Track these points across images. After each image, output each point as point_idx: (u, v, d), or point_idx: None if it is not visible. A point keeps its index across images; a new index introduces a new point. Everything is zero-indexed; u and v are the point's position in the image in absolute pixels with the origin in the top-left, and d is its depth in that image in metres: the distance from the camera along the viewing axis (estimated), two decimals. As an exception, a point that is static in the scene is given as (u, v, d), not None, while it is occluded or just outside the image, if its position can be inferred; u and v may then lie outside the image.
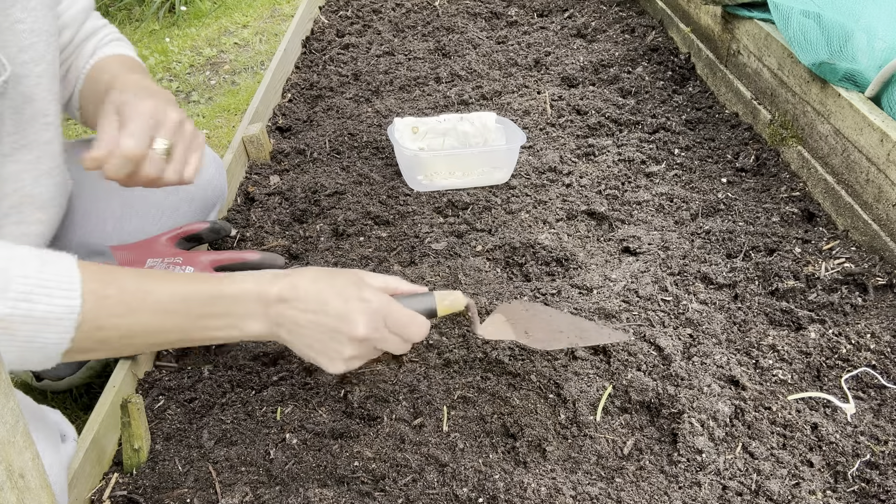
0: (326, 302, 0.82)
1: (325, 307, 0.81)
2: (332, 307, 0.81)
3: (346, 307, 0.81)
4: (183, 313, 0.80)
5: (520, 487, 0.88)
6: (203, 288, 0.81)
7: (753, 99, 1.68)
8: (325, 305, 0.81)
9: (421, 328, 0.86)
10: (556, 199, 1.47)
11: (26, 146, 0.99)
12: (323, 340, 0.83)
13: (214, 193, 1.33)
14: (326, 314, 0.82)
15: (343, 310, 0.81)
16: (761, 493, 0.88)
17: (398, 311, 0.84)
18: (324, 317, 0.82)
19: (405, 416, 1.01)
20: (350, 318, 0.81)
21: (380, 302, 0.83)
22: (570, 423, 0.99)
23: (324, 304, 0.82)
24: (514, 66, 2.06)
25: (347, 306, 0.81)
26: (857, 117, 1.29)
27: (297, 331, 0.83)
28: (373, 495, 0.89)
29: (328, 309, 0.81)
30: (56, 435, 0.89)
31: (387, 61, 2.12)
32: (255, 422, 1.02)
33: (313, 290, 0.82)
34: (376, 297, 0.83)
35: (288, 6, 3.38)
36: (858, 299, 1.14)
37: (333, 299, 0.82)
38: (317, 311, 0.82)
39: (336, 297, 0.82)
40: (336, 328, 0.82)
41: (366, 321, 0.82)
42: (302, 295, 0.82)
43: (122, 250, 1.14)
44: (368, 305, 0.82)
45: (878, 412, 0.98)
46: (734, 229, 1.33)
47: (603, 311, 1.16)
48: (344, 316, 0.81)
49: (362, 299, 0.82)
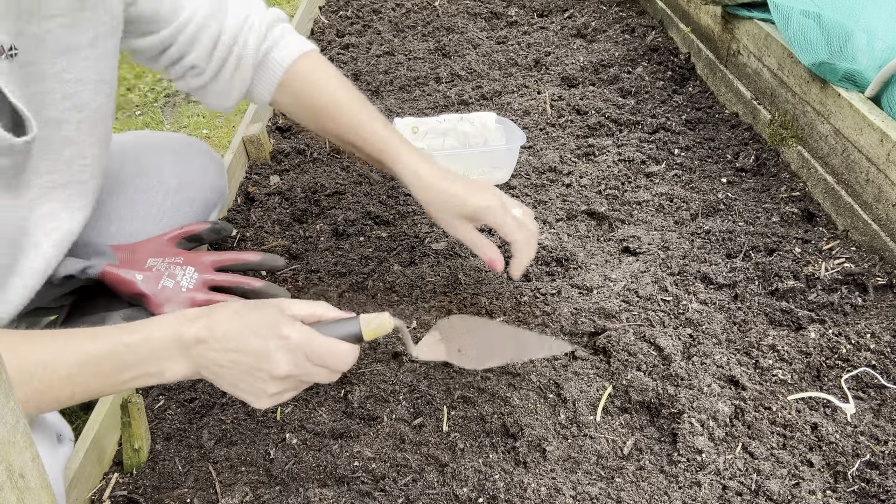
0: (244, 341, 0.79)
1: (243, 346, 0.79)
2: (251, 346, 0.79)
3: (265, 346, 0.79)
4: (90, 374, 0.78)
5: (520, 487, 0.88)
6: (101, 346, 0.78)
7: (753, 99, 1.68)
8: (243, 345, 0.79)
9: (344, 357, 0.83)
10: (556, 199, 1.47)
11: (62, 186, 1.00)
12: (245, 380, 0.81)
13: (215, 194, 1.33)
14: (245, 353, 0.79)
15: (262, 348, 0.79)
16: (761, 493, 0.88)
17: (319, 344, 0.81)
18: (243, 356, 0.80)
19: (405, 416, 1.01)
20: (269, 356, 0.79)
21: (299, 337, 0.80)
22: (570, 423, 0.99)
23: (242, 344, 0.79)
24: (514, 66, 2.06)
25: (266, 345, 0.79)
26: (857, 117, 1.29)
27: (219, 371, 0.81)
28: (373, 495, 0.89)
29: (247, 349, 0.79)
30: (52, 435, 0.88)
31: (387, 61, 2.12)
32: (255, 422, 1.02)
33: (231, 330, 0.80)
34: (295, 332, 0.80)
35: (288, 6, 3.38)
36: (858, 299, 1.14)
37: (251, 339, 0.79)
38: (237, 351, 0.79)
39: (254, 336, 0.79)
40: (257, 367, 0.80)
41: (286, 359, 0.79)
42: (219, 335, 0.80)
43: (123, 250, 1.14)
44: (287, 342, 0.79)
45: (878, 412, 0.99)
46: (734, 229, 1.33)
47: (603, 311, 1.16)
48: (263, 355, 0.79)
49: (281, 336, 0.79)
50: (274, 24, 1.16)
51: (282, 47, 1.15)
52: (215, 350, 0.80)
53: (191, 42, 1.09)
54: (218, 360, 0.80)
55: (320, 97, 1.16)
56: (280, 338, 0.79)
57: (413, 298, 1.23)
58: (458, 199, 1.07)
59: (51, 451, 0.86)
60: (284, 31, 1.17)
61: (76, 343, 0.78)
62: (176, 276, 1.11)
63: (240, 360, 0.80)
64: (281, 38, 1.16)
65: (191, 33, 1.09)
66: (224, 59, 1.12)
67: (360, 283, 1.27)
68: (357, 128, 1.14)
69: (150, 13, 1.05)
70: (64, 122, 0.96)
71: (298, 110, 1.19)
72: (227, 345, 0.79)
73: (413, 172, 1.10)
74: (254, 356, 0.79)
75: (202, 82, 1.14)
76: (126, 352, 0.78)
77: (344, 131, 1.16)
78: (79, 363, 0.77)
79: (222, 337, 0.80)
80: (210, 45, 1.10)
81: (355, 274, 1.29)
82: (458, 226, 1.09)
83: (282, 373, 0.79)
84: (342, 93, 1.16)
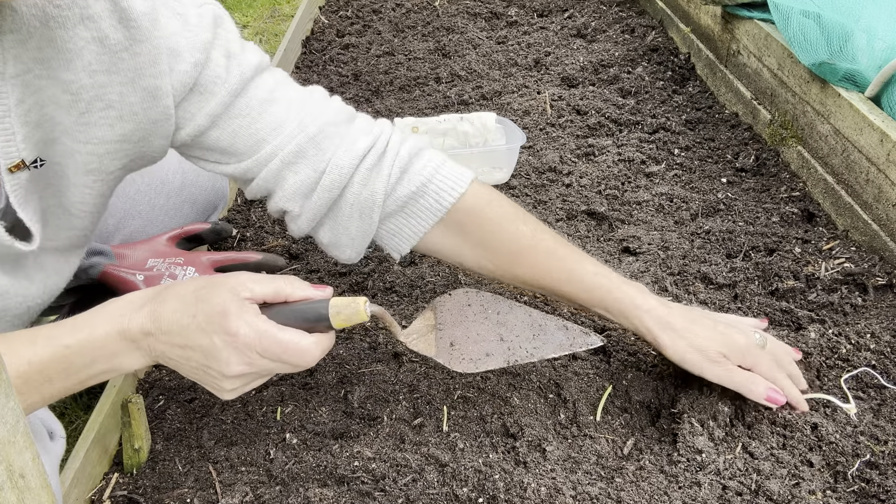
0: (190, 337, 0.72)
1: (189, 342, 0.72)
2: (197, 343, 0.72)
3: (211, 343, 0.71)
4: (38, 383, 0.72)
5: (520, 487, 0.88)
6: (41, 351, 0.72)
7: (753, 99, 1.68)
8: (188, 340, 0.72)
9: (303, 355, 0.73)
10: (556, 199, 1.47)
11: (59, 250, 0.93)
12: (199, 375, 0.75)
13: (216, 195, 1.33)
14: (193, 349, 0.72)
15: (208, 346, 0.71)
16: (761, 493, 0.88)
17: (272, 341, 0.72)
18: (191, 352, 0.73)
19: (405, 416, 1.01)
20: (217, 356, 0.72)
21: (247, 332, 0.71)
22: (570, 423, 0.99)
23: (188, 339, 0.72)
24: (514, 66, 2.06)
25: (212, 342, 0.71)
26: (856, 117, 1.29)
27: (174, 362, 0.75)
28: (373, 495, 0.89)
29: (193, 345, 0.72)
30: (43, 433, 0.88)
31: (387, 61, 2.12)
32: (255, 422, 1.02)
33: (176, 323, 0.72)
34: (243, 327, 0.71)
35: (288, 6, 3.38)
36: (858, 299, 1.14)
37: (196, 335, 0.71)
38: (183, 347, 0.72)
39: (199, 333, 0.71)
40: (206, 365, 0.73)
41: (235, 358, 0.72)
42: (164, 327, 0.72)
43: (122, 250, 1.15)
44: (234, 340, 0.71)
45: (878, 412, 0.98)
46: (734, 229, 1.33)
47: (603, 311, 1.16)
48: (210, 353, 0.72)
49: (227, 332, 0.71)
50: (415, 155, 0.95)
51: (442, 183, 0.94)
52: (162, 343, 0.73)
53: (273, 179, 0.92)
54: (168, 353, 0.74)
55: (501, 234, 0.95)
56: (227, 334, 0.71)
57: (413, 298, 1.23)
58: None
59: (43, 449, 0.85)
60: (434, 163, 0.95)
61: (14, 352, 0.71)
62: (177, 276, 1.11)
63: (189, 356, 0.73)
64: (434, 176, 0.94)
65: (274, 169, 0.91)
66: (329, 202, 0.93)
67: (360, 283, 1.27)
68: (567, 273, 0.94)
69: (224, 145, 0.91)
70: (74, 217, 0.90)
71: (470, 253, 0.98)
72: (172, 339, 0.73)
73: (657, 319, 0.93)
74: (201, 353, 0.72)
75: (301, 230, 0.96)
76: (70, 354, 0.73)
77: (544, 278, 0.96)
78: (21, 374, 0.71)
79: (167, 330, 0.73)
80: (301, 185, 0.92)
81: (355, 274, 1.29)
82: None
83: (233, 372, 0.73)
84: (528, 228, 0.96)
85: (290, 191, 0.92)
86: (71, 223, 0.90)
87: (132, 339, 0.74)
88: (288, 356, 0.73)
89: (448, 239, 0.97)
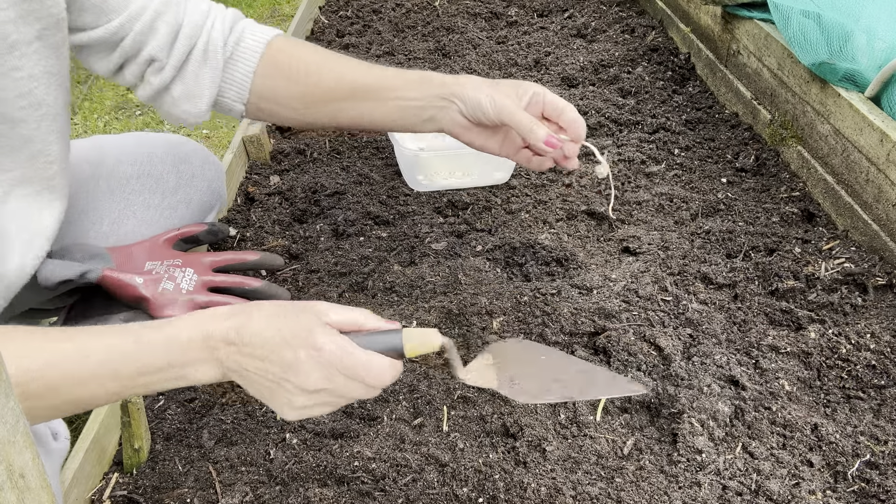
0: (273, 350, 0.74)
1: (271, 355, 0.75)
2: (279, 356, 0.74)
3: (295, 356, 0.74)
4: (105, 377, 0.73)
5: (520, 487, 0.88)
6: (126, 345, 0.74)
7: (753, 99, 1.68)
8: (271, 353, 0.75)
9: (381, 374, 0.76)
10: (556, 199, 1.47)
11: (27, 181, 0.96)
12: (272, 389, 0.77)
13: (213, 196, 1.33)
14: (273, 363, 0.75)
15: (291, 359, 0.74)
16: (761, 493, 0.88)
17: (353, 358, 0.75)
18: (270, 365, 0.75)
19: (405, 416, 1.01)
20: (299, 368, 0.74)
21: (332, 349, 0.75)
22: (570, 423, 0.99)
23: (270, 352, 0.75)
24: (514, 67, 2.06)
25: (296, 355, 0.74)
26: (856, 117, 1.29)
27: (247, 376, 0.77)
28: (373, 495, 0.89)
29: (274, 357, 0.75)
30: (47, 433, 0.88)
31: (387, 61, 2.12)
32: (255, 422, 1.02)
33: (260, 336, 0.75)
34: (329, 344, 0.75)
35: (288, 6, 3.38)
36: (858, 299, 1.14)
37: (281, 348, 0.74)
38: (263, 359, 0.75)
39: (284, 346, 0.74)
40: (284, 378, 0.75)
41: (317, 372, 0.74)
42: (247, 339, 0.75)
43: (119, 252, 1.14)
44: (319, 355, 0.74)
45: (878, 412, 0.99)
46: (734, 229, 1.34)
47: (603, 311, 1.16)
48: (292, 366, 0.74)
49: (313, 347, 0.74)
50: (238, 19, 1.12)
51: (254, 32, 1.11)
52: (243, 355, 0.76)
53: (147, 31, 1.02)
54: (245, 366, 0.76)
55: (308, 63, 1.10)
56: (313, 349, 0.74)
57: (413, 298, 1.23)
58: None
59: (47, 449, 0.85)
60: (250, 23, 1.13)
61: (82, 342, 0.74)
62: (176, 278, 1.11)
63: (267, 369, 0.75)
64: (248, 27, 1.12)
65: (147, 21, 1.01)
66: (188, 50, 1.05)
67: (360, 284, 1.27)
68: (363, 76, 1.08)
69: (96, 1, 0.98)
70: (21, 122, 0.92)
71: (285, 90, 1.11)
72: (254, 351, 0.75)
73: None
74: (281, 366, 0.75)
75: (164, 80, 1.05)
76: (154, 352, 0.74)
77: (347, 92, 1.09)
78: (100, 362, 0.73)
79: (250, 342, 0.75)
80: (169, 34, 1.03)
81: (355, 274, 1.29)
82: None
83: (311, 387, 0.75)
84: (334, 56, 1.11)
85: (162, 40, 1.03)
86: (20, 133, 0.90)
87: (213, 346, 0.76)
88: (367, 375, 0.76)
89: (268, 81, 1.11)
